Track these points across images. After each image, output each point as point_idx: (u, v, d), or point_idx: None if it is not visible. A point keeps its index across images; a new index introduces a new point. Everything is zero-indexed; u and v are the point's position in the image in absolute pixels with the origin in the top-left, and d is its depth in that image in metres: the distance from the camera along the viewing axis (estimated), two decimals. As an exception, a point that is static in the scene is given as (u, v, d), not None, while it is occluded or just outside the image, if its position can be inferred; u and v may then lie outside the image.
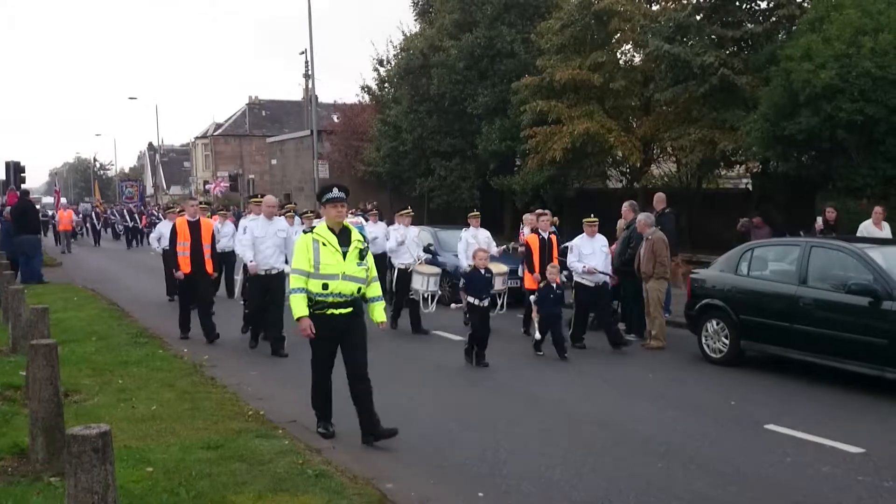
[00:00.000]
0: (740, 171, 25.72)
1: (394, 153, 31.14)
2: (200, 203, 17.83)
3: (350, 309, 6.90)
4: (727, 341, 10.39)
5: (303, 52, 71.78)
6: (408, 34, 32.31)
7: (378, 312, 7.22)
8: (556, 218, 15.57)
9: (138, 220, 39.01)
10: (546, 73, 23.19)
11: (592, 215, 12.18)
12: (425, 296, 13.25)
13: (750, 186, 24.56)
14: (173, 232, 12.28)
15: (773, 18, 20.67)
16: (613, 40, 23.86)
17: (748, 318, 10.13)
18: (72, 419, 6.68)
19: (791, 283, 9.76)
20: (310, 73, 40.77)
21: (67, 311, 14.42)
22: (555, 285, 10.90)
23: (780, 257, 10.50)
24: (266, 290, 11.27)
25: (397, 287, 13.49)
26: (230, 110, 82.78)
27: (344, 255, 6.85)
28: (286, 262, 12.35)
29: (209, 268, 12.17)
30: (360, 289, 6.94)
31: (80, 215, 43.00)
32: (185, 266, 11.98)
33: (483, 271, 10.61)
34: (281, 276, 11.15)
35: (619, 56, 24.41)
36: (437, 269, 13.81)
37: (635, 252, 11.95)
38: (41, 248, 21.36)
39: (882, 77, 14.50)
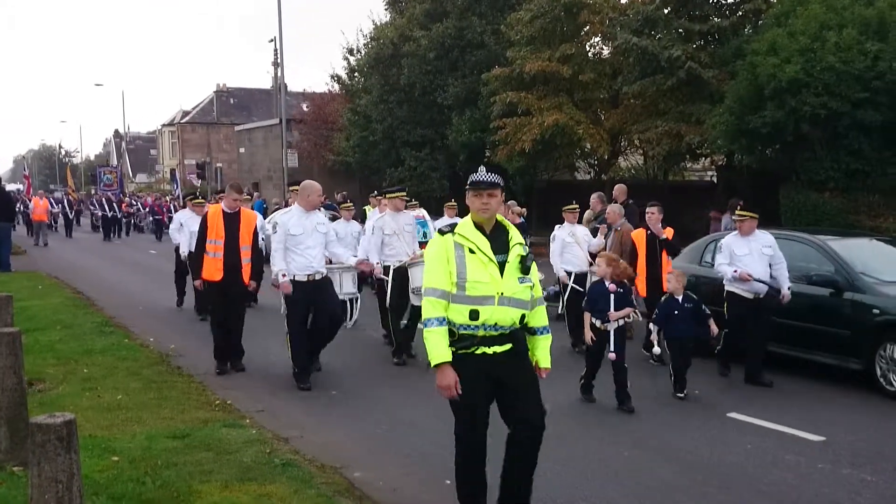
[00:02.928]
0: (706, 164, 26.05)
1: (364, 143, 31.07)
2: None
3: (509, 345, 4.75)
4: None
5: (272, 40, 71.28)
6: (378, 23, 32.21)
7: (543, 353, 4.93)
8: (523, 209, 15.67)
9: (117, 209, 35.41)
10: (516, 65, 23.28)
11: (740, 207, 9.72)
12: None
13: (715, 179, 24.85)
14: (203, 226, 9.47)
15: (740, 13, 20.94)
16: (583, 33, 24.03)
17: (712, 308, 10.25)
18: (36, 408, 6.63)
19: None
20: (279, 61, 40.74)
21: (32, 299, 14.24)
22: (680, 297, 8.56)
23: (744, 249, 10.62)
24: (310, 303, 8.68)
25: None
26: (198, 97, 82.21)
27: (501, 267, 4.69)
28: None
29: (245, 276, 9.42)
30: (523, 316, 4.78)
31: (60, 205, 37.99)
32: (215, 272, 9.25)
33: (613, 284, 8.09)
34: (327, 282, 8.94)
35: (588, 48, 24.58)
36: None
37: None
38: (10, 237, 21.03)
39: (845, 72, 14.72)
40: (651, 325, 9.15)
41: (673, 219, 20.11)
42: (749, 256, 9.08)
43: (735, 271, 9.05)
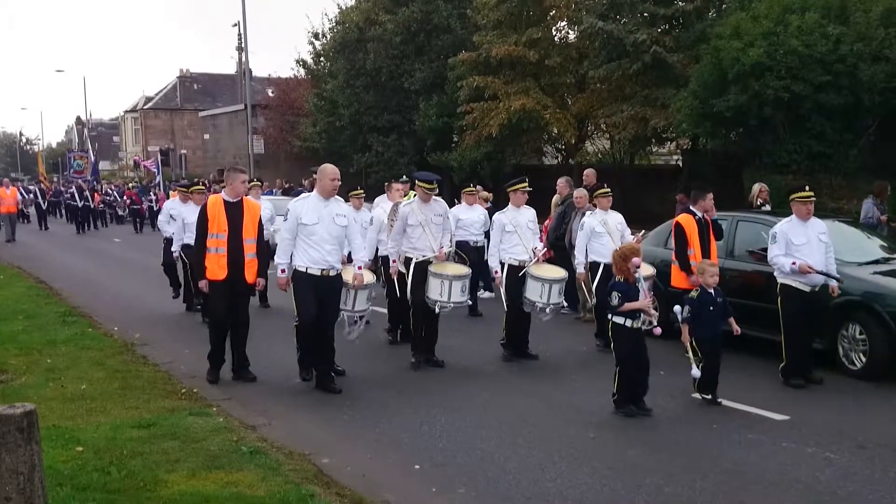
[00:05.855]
0: (671, 148, 26.26)
1: (330, 128, 30.90)
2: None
3: None
4: (657, 312, 10.54)
5: (236, 25, 70.40)
6: (343, 7, 31.98)
7: None
8: (490, 193, 15.66)
9: (90, 199, 32.03)
10: (483, 49, 23.25)
11: (808, 187, 8.62)
12: (444, 307, 8.91)
13: (680, 163, 25.06)
14: (202, 219, 8.27)
15: (704, -4, 21.04)
16: (549, 17, 24.05)
17: (677, 290, 10.33)
18: (-3, 400, 6.53)
19: (718, 256, 9.99)
20: (243, 45, 40.25)
21: (-8, 289, 14.02)
22: (713, 291, 7.66)
23: (708, 231, 10.70)
24: (319, 300, 7.83)
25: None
26: (161, 83, 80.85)
27: None
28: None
29: (250, 274, 8.28)
30: None
31: (32, 195, 34.61)
32: (218, 270, 8.13)
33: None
34: (338, 281, 8.10)
35: (554, 33, 24.63)
36: (462, 269, 9.32)
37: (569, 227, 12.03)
38: None
39: (808, 55, 14.88)
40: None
41: (639, 202, 20.38)
42: (808, 246, 8.19)
43: (794, 263, 8.13)
